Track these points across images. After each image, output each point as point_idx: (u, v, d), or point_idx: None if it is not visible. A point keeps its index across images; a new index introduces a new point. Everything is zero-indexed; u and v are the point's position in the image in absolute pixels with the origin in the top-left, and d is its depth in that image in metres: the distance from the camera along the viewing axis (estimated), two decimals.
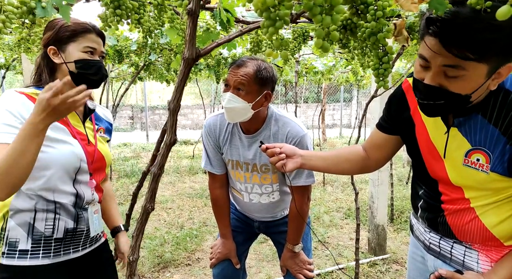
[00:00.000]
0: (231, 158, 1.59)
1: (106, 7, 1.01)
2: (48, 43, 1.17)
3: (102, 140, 1.33)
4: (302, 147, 1.46)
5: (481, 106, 0.94)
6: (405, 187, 5.44)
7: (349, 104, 15.56)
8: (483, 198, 1.00)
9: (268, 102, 1.47)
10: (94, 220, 1.27)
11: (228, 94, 1.40)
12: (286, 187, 1.63)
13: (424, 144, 1.09)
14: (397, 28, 0.67)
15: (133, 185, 5.62)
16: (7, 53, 4.12)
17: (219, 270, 1.72)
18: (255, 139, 1.52)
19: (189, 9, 0.60)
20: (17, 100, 1.10)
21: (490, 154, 0.94)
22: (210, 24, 1.47)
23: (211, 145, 1.61)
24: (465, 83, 0.86)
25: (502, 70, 0.85)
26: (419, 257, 1.26)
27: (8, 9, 0.89)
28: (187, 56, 0.61)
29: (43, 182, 1.13)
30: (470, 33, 0.78)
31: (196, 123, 14.10)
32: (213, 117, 1.62)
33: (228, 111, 1.41)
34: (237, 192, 1.69)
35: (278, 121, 1.51)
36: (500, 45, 0.79)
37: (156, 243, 3.43)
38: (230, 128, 1.57)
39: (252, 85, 1.39)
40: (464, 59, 0.81)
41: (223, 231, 1.71)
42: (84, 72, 1.18)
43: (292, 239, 1.60)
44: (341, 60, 4.85)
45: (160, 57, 3.72)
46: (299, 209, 1.50)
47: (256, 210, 1.68)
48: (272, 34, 0.56)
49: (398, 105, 1.16)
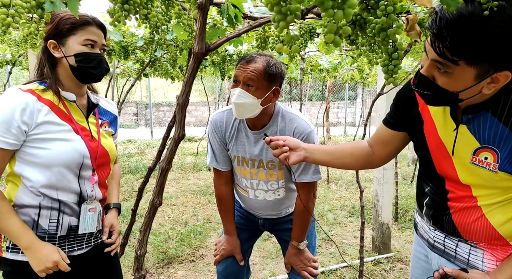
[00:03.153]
0: (237, 154, 1.58)
1: (114, 2, 1.01)
2: (48, 36, 1.15)
3: (106, 135, 1.31)
4: (309, 143, 1.45)
5: (491, 103, 0.93)
6: (409, 185, 5.42)
7: (353, 102, 15.50)
8: (491, 197, 0.99)
9: (276, 98, 1.46)
10: (87, 217, 1.23)
11: (238, 89, 1.39)
12: (292, 184, 1.63)
13: (432, 141, 1.08)
14: (410, 23, 0.67)
15: (137, 181, 5.64)
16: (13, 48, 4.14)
17: (223, 267, 1.72)
18: (261, 135, 1.52)
19: (199, 3, 0.60)
20: (19, 101, 1.08)
21: (498, 152, 0.93)
22: (217, 20, 1.46)
23: (217, 141, 1.60)
24: (451, 81, 0.87)
25: (499, 76, 0.85)
26: (422, 256, 1.26)
27: (18, 4, 0.89)
28: (197, 50, 0.61)
29: (46, 180, 1.13)
30: (455, 35, 0.79)
31: (200, 120, 14.11)
32: (219, 114, 1.61)
33: (237, 107, 1.41)
34: (242, 190, 1.68)
35: (285, 117, 1.51)
36: (490, 51, 0.80)
37: (161, 239, 3.45)
38: (237, 124, 1.56)
39: (262, 81, 1.38)
40: (444, 58, 0.83)
41: (227, 228, 1.71)
42: (84, 66, 1.16)
43: (297, 236, 1.60)
44: (346, 58, 4.83)
45: (166, 54, 3.72)
46: (305, 205, 1.50)
47: (261, 207, 1.68)
48: (283, 29, 0.56)
49: (406, 101, 1.15)
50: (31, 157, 1.12)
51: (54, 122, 1.14)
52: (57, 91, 1.16)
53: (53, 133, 1.13)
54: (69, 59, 1.15)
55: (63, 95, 1.18)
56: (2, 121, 1.06)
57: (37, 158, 1.12)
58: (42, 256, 1.11)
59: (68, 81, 1.20)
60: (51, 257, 1.11)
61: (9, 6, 0.88)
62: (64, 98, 1.19)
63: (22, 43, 2.88)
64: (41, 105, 1.12)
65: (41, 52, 1.20)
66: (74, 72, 1.17)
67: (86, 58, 1.16)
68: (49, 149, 1.12)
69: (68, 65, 1.16)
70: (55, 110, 1.15)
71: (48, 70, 1.18)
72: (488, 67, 0.83)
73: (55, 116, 1.14)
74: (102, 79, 1.25)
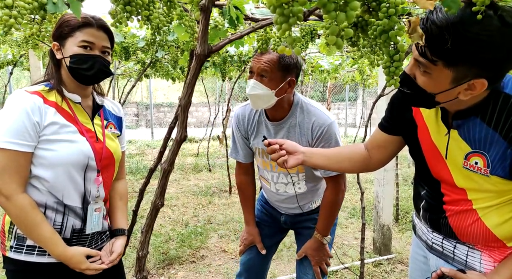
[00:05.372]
0: (258, 146, 1.62)
1: (116, 3, 1.01)
2: (53, 38, 1.18)
3: (111, 136, 1.32)
4: (330, 135, 1.46)
5: (479, 109, 0.94)
6: (410, 187, 5.41)
7: (354, 103, 15.50)
8: (486, 200, 0.99)
9: (292, 88, 1.47)
10: (93, 218, 1.25)
11: (252, 81, 1.42)
12: (315, 178, 1.62)
13: (426, 145, 1.09)
14: (412, 25, 0.67)
15: (138, 182, 5.64)
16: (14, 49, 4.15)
17: (247, 258, 1.77)
18: (281, 126, 1.53)
19: (202, 5, 0.60)
20: (28, 103, 1.09)
21: (488, 157, 0.94)
22: (218, 21, 1.46)
23: (239, 134, 1.66)
24: (429, 81, 0.89)
25: (476, 83, 0.85)
26: (421, 257, 1.26)
27: (20, 5, 0.89)
28: (199, 52, 0.61)
29: (52, 180, 1.14)
30: (437, 36, 0.80)
31: (200, 121, 14.12)
32: (242, 108, 1.66)
33: (252, 97, 1.44)
34: (265, 181, 1.71)
35: (303, 109, 1.51)
36: (468, 57, 0.81)
37: (161, 240, 3.45)
38: (257, 117, 1.60)
39: (275, 71, 1.39)
40: (424, 57, 0.85)
41: (246, 218, 1.76)
42: (77, 67, 1.15)
43: (322, 229, 1.57)
44: (347, 59, 4.83)
45: (167, 55, 3.72)
46: (335, 197, 1.50)
47: (283, 200, 1.68)
48: (285, 31, 0.56)
49: (400, 106, 1.16)
50: (38, 159, 1.12)
51: (60, 124, 1.15)
52: (60, 91, 1.17)
53: (59, 134, 1.14)
54: (66, 60, 1.16)
55: (68, 96, 1.19)
56: (16, 126, 1.07)
57: (43, 160, 1.12)
58: (71, 264, 1.17)
59: (71, 82, 1.21)
60: (79, 266, 1.17)
61: (11, 8, 0.88)
62: (69, 99, 1.20)
63: (24, 43, 2.88)
64: (47, 107, 1.13)
65: (49, 53, 1.22)
66: (71, 73, 1.18)
67: (79, 59, 1.15)
68: (55, 151, 1.12)
69: (66, 67, 1.17)
70: (61, 111, 1.16)
71: (53, 71, 1.20)
72: (465, 73, 0.84)
73: (60, 117, 1.15)
74: (102, 80, 1.24)
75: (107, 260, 1.26)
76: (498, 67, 0.83)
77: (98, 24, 1.17)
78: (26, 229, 1.12)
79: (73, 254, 1.16)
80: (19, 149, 1.07)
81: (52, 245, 1.13)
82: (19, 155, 1.07)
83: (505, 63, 0.83)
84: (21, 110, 1.07)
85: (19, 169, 1.08)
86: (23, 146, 1.08)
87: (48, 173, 1.13)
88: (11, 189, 1.07)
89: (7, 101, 1.10)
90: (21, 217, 1.09)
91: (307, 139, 1.49)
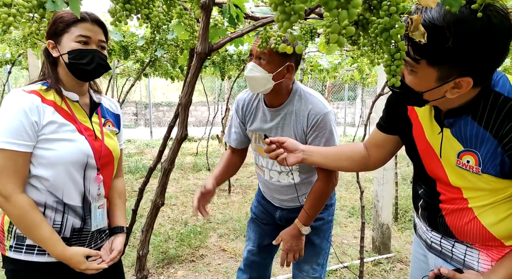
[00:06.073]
0: (254, 131, 1.63)
1: (115, 2, 1.00)
2: (47, 37, 1.16)
3: (110, 134, 1.32)
4: (325, 125, 1.44)
5: (471, 108, 0.94)
6: (409, 186, 5.42)
7: (353, 102, 15.50)
8: (481, 198, 0.99)
9: (290, 74, 1.46)
10: (97, 215, 1.26)
11: (251, 63, 1.43)
12: (308, 170, 1.61)
13: (421, 144, 1.10)
14: (414, 23, 0.67)
15: (137, 181, 5.64)
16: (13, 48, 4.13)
17: (249, 254, 1.80)
18: (278, 113, 1.53)
19: (203, 3, 0.60)
20: (26, 103, 1.08)
21: (479, 155, 0.94)
22: (218, 20, 1.46)
23: (237, 118, 1.68)
24: (416, 80, 0.90)
25: (462, 81, 0.86)
26: (421, 256, 1.26)
27: (19, 3, 0.89)
28: (200, 50, 0.61)
29: (52, 179, 1.13)
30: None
31: (199, 120, 14.10)
32: (243, 93, 1.68)
33: (249, 80, 1.44)
34: (259, 169, 1.71)
35: (301, 97, 1.51)
36: (452, 56, 0.81)
37: (161, 239, 3.44)
38: (256, 102, 1.61)
39: (274, 55, 1.39)
40: (409, 56, 0.86)
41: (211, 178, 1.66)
42: (77, 62, 1.15)
43: (303, 217, 1.50)
44: (346, 58, 4.83)
45: (166, 53, 3.71)
46: (325, 186, 1.48)
47: (276, 189, 1.67)
48: (287, 29, 0.56)
49: (396, 105, 1.17)
50: (37, 158, 1.12)
51: (59, 123, 1.14)
52: (59, 91, 1.17)
53: (58, 133, 1.13)
54: (64, 57, 1.15)
55: (66, 95, 1.18)
56: (14, 125, 1.06)
57: (42, 159, 1.12)
58: (71, 264, 1.17)
59: (68, 80, 1.20)
60: (78, 266, 1.17)
61: (10, 6, 0.88)
62: (67, 98, 1.19)
63: (22, 42, 2.87)
64: (45, 106, 1.12)
65: (44, 52, 1.20)
66: (70, 70, 1.17)
67: (78, 54, 1.14)
68: (54, 150, 1.12)
69: (64, 64, 1.16)
70: (59, 110, 1.15)
71: (49, 70, 1.19)
72: (450, 71, 0.85)
73: (59, 116, 1.14)
74: (101, 75, 1.24)
75: (107, 258, 1.26)
76: (482, 66, 0.83)
77: (92, 18, 1.16)
78: (25, 229, 1.11)
79: (72, 255, 1.16)
80: (17, 149, 1.06)
81: (51, 245, 1.13)
82: (17, 155, 1.07)
83: (488, 62, 0.83)
84: (19, 109, 1.07)
85: (17, 169, 1.08)
86: (21, 146, 1.07)
87: (48, 172, 1.12)
88: (10, 189, 1.07)
89: (4, 100, 1.10)
90: (20, 217, 1.09)
91: (302, 127, 1.49)
